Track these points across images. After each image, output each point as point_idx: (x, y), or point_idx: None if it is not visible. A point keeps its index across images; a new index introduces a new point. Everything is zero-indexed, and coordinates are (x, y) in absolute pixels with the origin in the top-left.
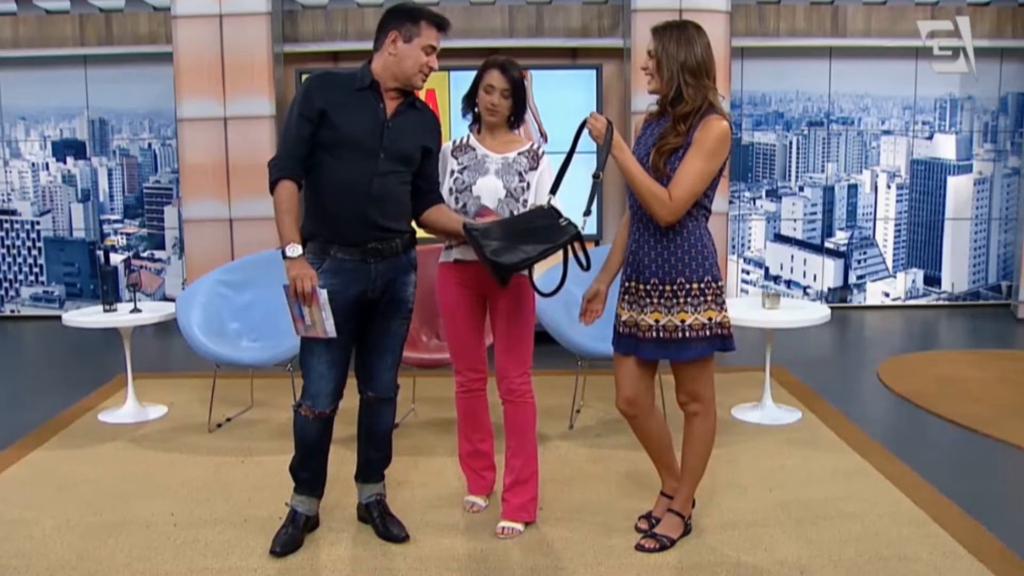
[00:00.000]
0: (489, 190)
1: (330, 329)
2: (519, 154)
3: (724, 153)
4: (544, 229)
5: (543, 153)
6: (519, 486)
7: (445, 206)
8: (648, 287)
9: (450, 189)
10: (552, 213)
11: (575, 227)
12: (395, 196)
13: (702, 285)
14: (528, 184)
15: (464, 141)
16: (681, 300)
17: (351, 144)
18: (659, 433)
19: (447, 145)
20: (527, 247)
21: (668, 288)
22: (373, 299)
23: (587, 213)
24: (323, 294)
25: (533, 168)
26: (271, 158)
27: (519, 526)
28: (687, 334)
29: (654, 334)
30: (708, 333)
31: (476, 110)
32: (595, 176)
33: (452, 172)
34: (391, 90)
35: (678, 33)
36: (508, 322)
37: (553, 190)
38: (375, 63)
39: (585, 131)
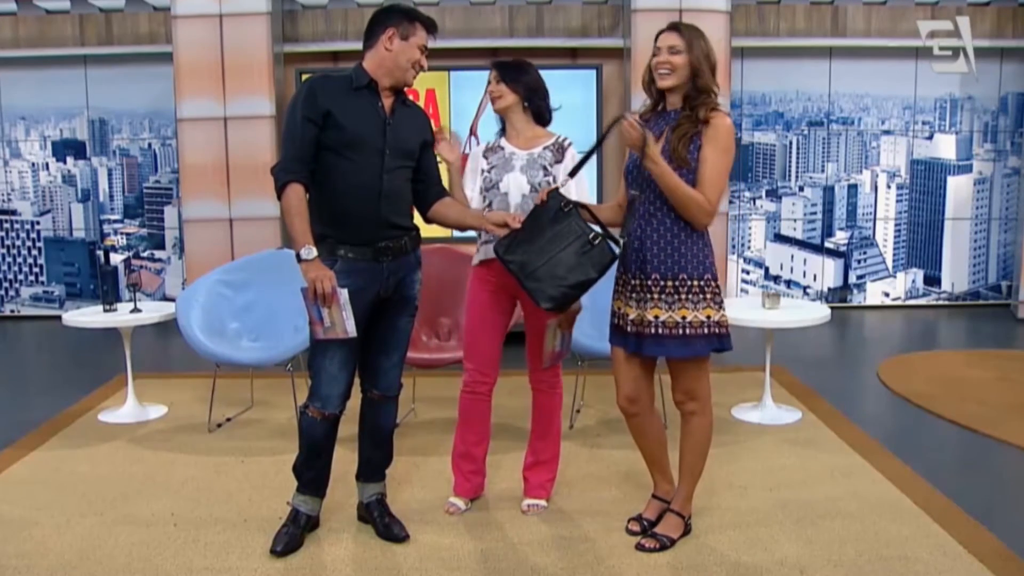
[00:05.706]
0: (515, 186)
1: (351, 329)
2: (544, 148)
3: (734, 147)
4: (581, 256)
5: (569, 145)
6: (540, 466)
7: (451, 199)
8: (650, 282)
9: (480, 188)
10: (581, 229)
11: (611, 250)
12: (401, 192)
13: (702, 283)
14: (554, 177)
15: (495, 143)
16: (683, 296)
17: (358, 144)
18: (656, 433)
19: (478, 148)
20: (566, 283)
21: (670, 284)
22: (384, 298)
23: (624, 235)
24: (343, 293)
25: (558, 161)
26: (275, 164)
27: (542, 502)
28: (687, 331)
29: (655, 330)
30: (707, 331)
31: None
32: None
33: (482, 171)
34: (385, 89)
35: (699, 31)
36: (541, 317)
37: (572, 173)
38: (368, 61)
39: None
